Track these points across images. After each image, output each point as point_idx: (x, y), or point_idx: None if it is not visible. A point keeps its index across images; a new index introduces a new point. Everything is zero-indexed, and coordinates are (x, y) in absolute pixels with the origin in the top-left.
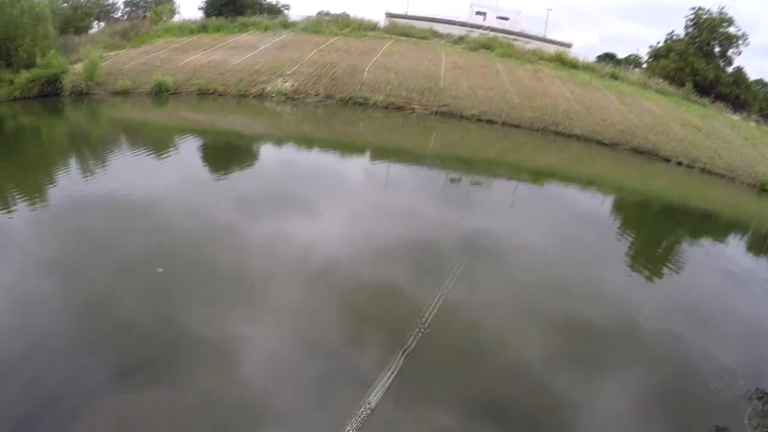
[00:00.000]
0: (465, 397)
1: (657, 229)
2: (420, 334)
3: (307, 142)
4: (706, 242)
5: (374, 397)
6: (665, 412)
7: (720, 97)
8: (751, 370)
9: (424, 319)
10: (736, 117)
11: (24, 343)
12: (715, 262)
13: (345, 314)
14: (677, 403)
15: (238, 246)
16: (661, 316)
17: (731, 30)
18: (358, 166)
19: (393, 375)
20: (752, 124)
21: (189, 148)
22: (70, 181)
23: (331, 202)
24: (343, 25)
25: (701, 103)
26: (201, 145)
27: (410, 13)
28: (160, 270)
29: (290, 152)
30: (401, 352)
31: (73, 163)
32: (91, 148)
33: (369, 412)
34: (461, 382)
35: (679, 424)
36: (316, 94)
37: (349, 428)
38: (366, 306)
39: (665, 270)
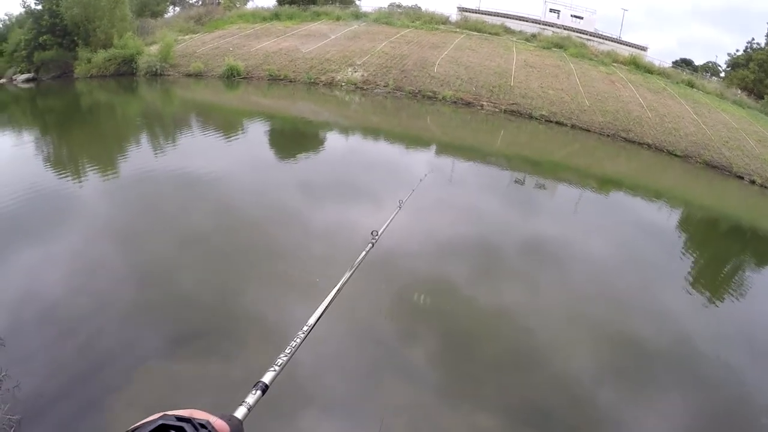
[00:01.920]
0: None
1: (723, 251)
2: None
3: (373, 132)
4: None
5: None
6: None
7: None
8: None
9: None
10: None
11: (84, 305)
12: None
13: (399, 306)
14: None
15: (299, 228)
16: (718, 342)
17: None
18: (423, 159)
19: None
20: None
21: (257, 131)
22: (140, 156)
23: (393, 194)
24: (415, 17)
25: None
26: (269, 129)
27: (482, 8)
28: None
29: (356, 141)
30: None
31: (144, 139)
32: (163, 126)
33: None
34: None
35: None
36: (386, 86)
37: None
38: (424, 301)
39: (727, 295)
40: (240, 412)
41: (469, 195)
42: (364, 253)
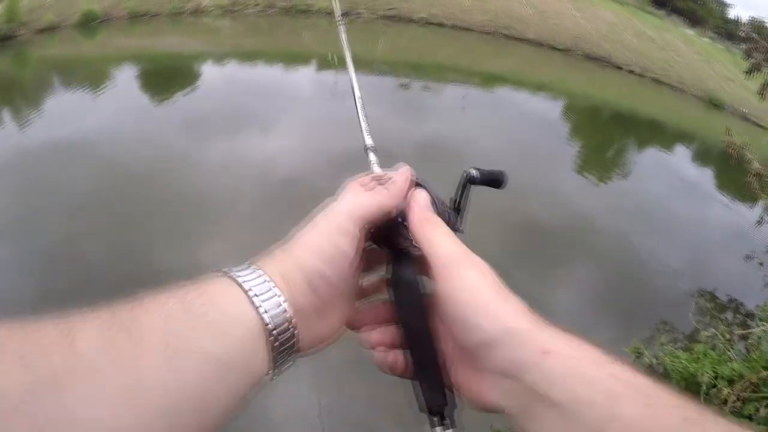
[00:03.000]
0: None
1: (607, 136)
2: None
3: (249, 56)
4: (654, 150)
5: None
6: (613, 306)
7: (676, 11)
8: (695, 271)
9: None
10: (690, 32)
11: None
12: (662, 170)
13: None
14: (625, 297)
15: (195, 171)
16: (610, 217)
17: None
18: (304, 77)
19: None
20: (706, 40)
21: (127, 78)
22: (3, 133)
23: (279, 116)
24: None
25: (657, 15)
26: (139, 73)
27: None
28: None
29: (233, 69)
30: None
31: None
32: (22, 94)
33: None
34: None
35: (626, 317)
36: (256, 5)
37: None
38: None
39: (614, 175)
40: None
41: (349, 106)
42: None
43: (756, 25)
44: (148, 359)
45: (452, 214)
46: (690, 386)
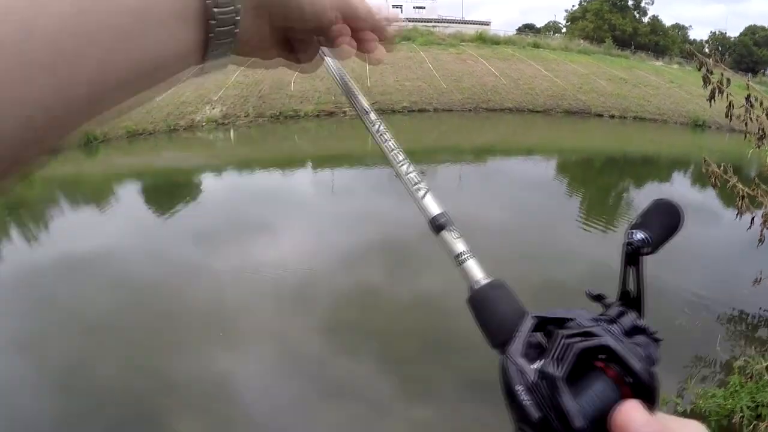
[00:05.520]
0: None
1: (604, 182)
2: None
3: (246, 164)
4: (653, 184)
5: None
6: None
7: (640, 47)
8: (719, 296)
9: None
10: (659, 63)
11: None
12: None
13: (332, 313)
14: (660, 330)
15: (205, 282)
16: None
17: None
18: (302, 178)
19: None
20: (675, 66)
21: (130, 194)
22: (10, 253)
23: (281, 219)
24: None
25: (623, 56)
26: (142, 189)
27: None
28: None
29: (232, 177)
30: None
31: (11, 232)
32: (30, 213)
33: None
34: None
35: (667, 351)
36: (246, 115)
37: None
38: (347, 314)
39: (620, 218)
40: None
41: (357, 200)
42: None
43: (717, 38)
44: None
45: (646, 342)
46: (731, 425)
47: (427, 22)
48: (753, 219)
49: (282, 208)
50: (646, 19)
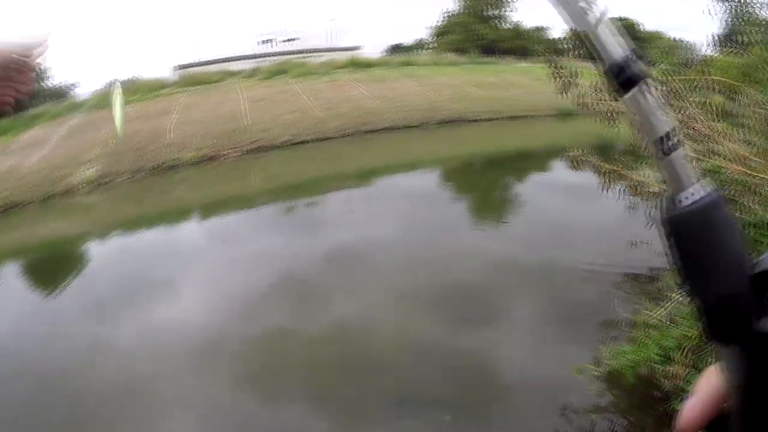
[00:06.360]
0: None
1: (488, 183)
2: None
3: (131, 224)
4: (533, 174)
5: None
6: (560, 319)
7: (507, 52)
8: (605, 267)
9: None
10: (524, 64)
11: None
12: (549, 187)
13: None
14: (566, 307)
15: (107, 358)
16: (525, 246)
17: None
18: (191, 230)
19: None
20: (539, 65)
21: (8, 276)
22: None
23: (178, 275)
24: (134, 90)
25: (491, 62)
26: (23, 267)
27: (199, 59)
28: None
29: (118, 240)
30: None
31: None
32: None
33: None
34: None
35: (575, 325)
36: (125, 171)
37: None
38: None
39: (511, 208)
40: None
41: (249, 243)
42: None
43: (574, 33)
44: None
45: None
46: (643, 378)
47: (299, 53)
48: (620, 190)
49: (175, 264)
50: (508, 26)
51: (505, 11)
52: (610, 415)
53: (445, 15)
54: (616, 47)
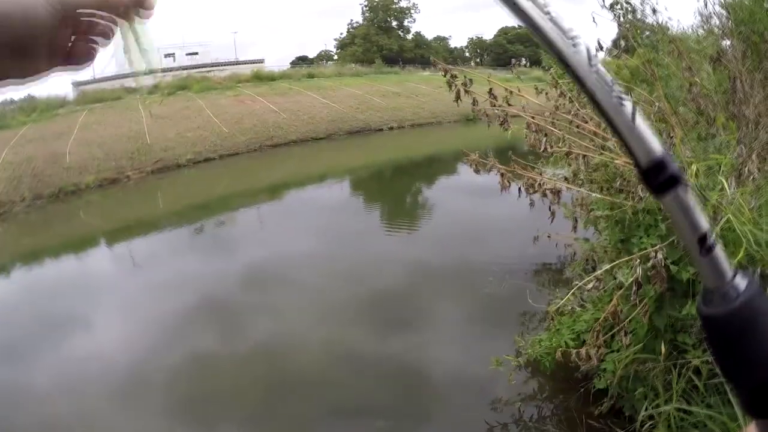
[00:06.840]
0: None
1: (400, 188)
2: None
3: (33, 257)
4: (440, 178)
5: None
6: (480, 315)
7: (409, 62)
8: (515, 262)
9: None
10: (426, 73)
11: None
12: (457, 189)
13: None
14: (484, 304)
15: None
16: (441, 248)
17: (402, 4)
18: (98, 259)
19: None
20: (441, 74)
21: None
22: None
23: (92, 308)
24: (30, 110)
25: (394, 72)
26: None
27: (97, 76)
28: None
29: (20, 276)
30: None
31: None
32: None
33: None
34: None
35: (495, 320)
36: (23, 200)
37: None
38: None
39: (424, 213)
40: None
41: (162, 267)
42: None
43: (475, 42)
44: None
45: None
46: (561, 363)
47: (202, 67)
48: (519, 189)
49: (86, 296)
50: (410, 36)
51: (407, 22)
52: (535, 402)
53: (349, 27)
54: (655, 144)
